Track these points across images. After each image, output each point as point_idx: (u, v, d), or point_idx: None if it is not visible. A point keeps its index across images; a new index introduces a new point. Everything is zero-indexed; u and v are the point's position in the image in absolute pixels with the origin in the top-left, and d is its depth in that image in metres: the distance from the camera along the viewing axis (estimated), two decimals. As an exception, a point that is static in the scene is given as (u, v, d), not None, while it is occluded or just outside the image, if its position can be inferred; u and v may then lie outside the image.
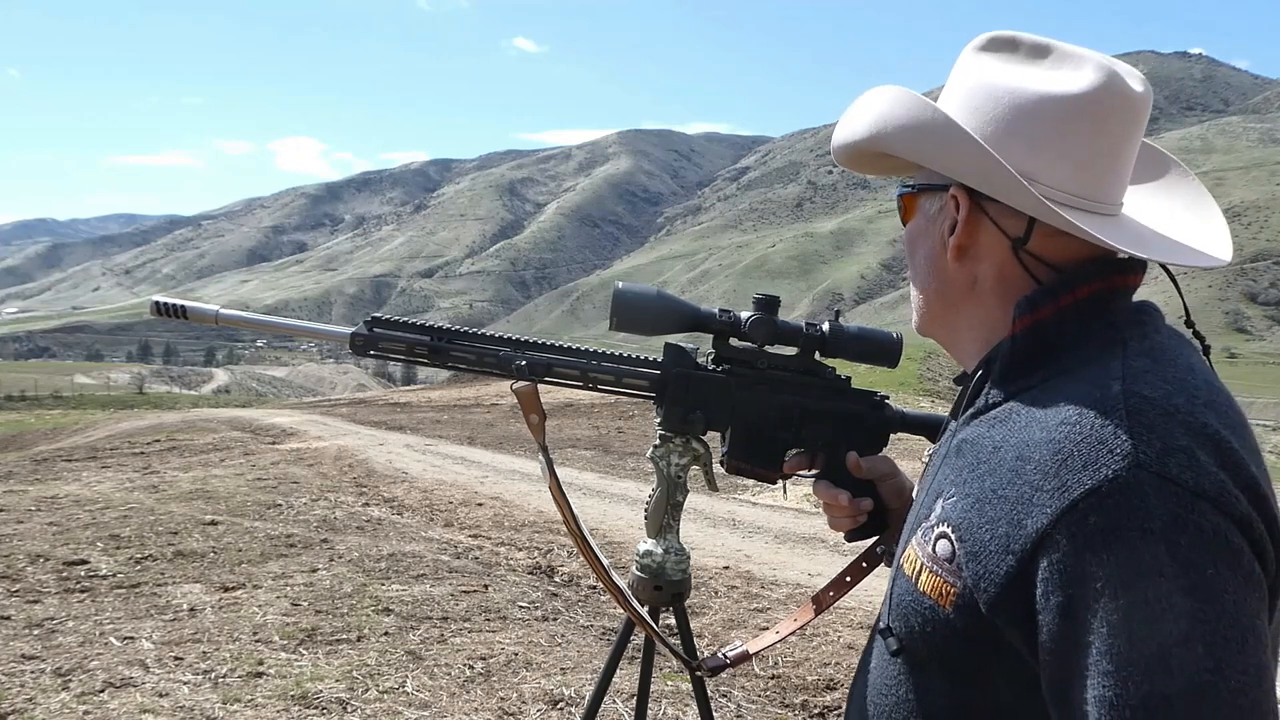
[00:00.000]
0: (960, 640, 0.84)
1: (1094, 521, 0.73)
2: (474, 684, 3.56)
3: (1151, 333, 0.89)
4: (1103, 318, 0.89)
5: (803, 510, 8.16)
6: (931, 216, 0.99)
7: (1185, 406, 0.78)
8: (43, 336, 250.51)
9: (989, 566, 0.79)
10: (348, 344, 1.31)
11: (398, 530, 6.49)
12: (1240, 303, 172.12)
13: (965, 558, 0.82)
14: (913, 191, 1.01)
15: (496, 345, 1.32)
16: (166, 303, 1.35)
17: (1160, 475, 0.73)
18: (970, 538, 0.82)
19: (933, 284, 0.99)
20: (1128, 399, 0.78)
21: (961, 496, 0.86)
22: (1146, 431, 0.75)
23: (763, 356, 1.31)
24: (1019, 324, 0.90)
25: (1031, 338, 0.90)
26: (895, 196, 1.05)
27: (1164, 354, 0.86)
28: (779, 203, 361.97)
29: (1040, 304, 0.90)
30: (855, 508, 1.27)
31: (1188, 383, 0.81)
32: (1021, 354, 0.90)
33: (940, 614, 0.85)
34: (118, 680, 3.41)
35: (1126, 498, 0.72)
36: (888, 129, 0.96)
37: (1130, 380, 0.80)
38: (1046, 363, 0.89)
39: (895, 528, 1.27)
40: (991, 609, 0.79)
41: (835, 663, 4.05)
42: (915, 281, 1.03)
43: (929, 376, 28.23)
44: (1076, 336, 0.89)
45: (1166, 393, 0.79)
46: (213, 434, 13.68)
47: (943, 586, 0.85)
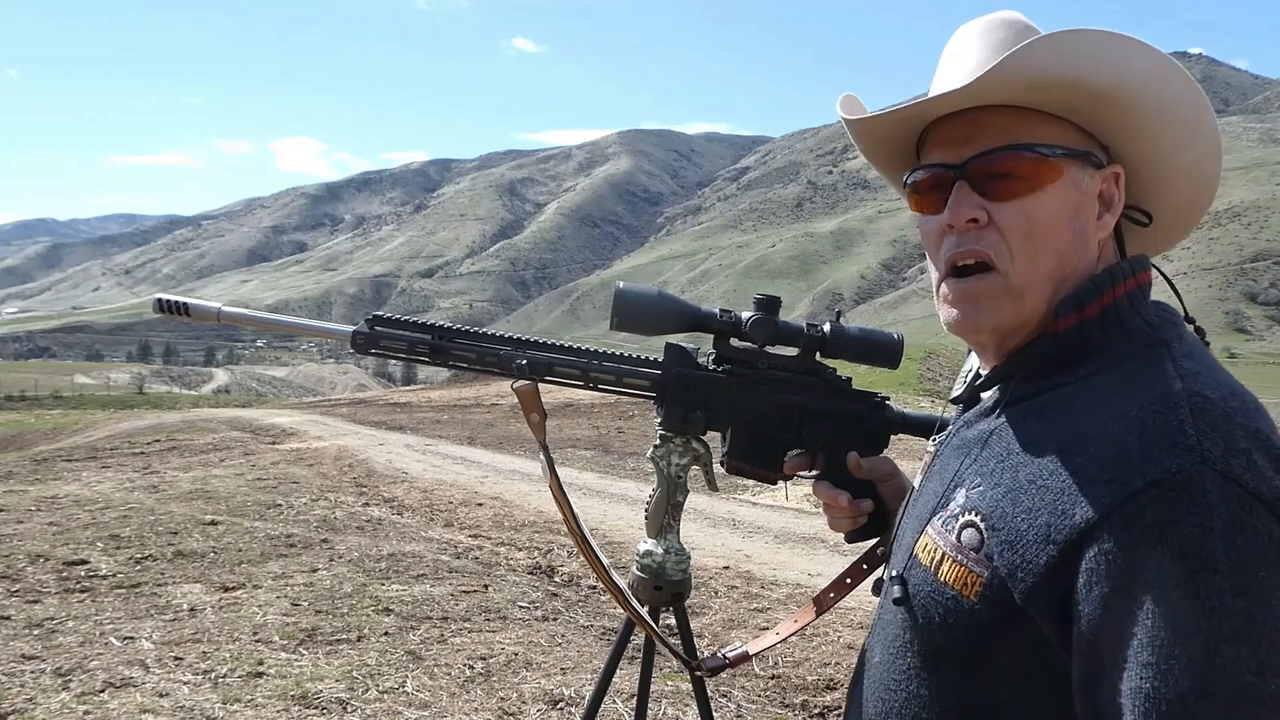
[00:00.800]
0: (984, 630, 0.83)
1: (1151, 514, 0.73)
2: (474, 684, 3.56)
3: (1184, 333, 0.89)
4: (1138, 315, 0.89)
5: (803, 510, 8.16)
6: (1085, 189, 0.91)
7: (1240, 410, 0.78)
8: (43, 336, 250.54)
9: (1027, 555, 0.79)
10: (349, 342, 1.31)
11: (398, 530, 6.49)
12: (1240, 303, 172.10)
13: (999, 546, 0.81)
14: (1069, 156, 0.90)
15: (497, 344, 1.32)
16: (170, 300, 1.35)
17: (1224, 474, 0.73)
18: (1005, 526, 0.81)
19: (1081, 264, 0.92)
20: (1190, 397, 0.78)
21: (991, 486, 0.86)
22: (1211, 430, 0.75)
23: (763, 357, 1.31)
24: (1063, 321, 0.89)
25: (1075, 336, 0.89)
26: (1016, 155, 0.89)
27: (1204, 356, 0.86)
28: (779, 203, 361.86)
29: (1087, 302, 0.89)
30: (856, 508, 1.27)
31: (1234, 387, 0.81)
32: (1060, 351, 0.89)
33: (964, 604, 0.84)
34: (118, 680, 3.41)
35: (1189, 492, 0.72)
36: (1151, 82, 0.88)
37: (1189, 380, 0.80)
38: (1085, 359, 0.88)
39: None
40: (1028, 598, 0.79)
41: (835, 663, 4.05)
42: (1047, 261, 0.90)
43: (929, 376, 28.25)
44: (1115, 333, 0.88)
45: (1223, 395, 0.79)
46: (213, 434, 13.68)
47: (967, 576, 0.84)
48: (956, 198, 0.92)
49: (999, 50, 0.90)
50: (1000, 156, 0.90)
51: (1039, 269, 0.90)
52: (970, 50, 0.94)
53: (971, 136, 0.91)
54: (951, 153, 0.93)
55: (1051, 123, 0.90)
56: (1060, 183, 0.89)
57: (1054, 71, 0.86)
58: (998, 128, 0.90)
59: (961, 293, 0.92)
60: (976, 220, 0.91)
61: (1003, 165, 0.90)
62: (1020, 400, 0.91)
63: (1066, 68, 0.86)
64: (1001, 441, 0.88)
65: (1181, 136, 0.92)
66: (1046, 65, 0.85)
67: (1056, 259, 0.90)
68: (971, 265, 0.92)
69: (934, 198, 0.95)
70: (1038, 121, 0.90)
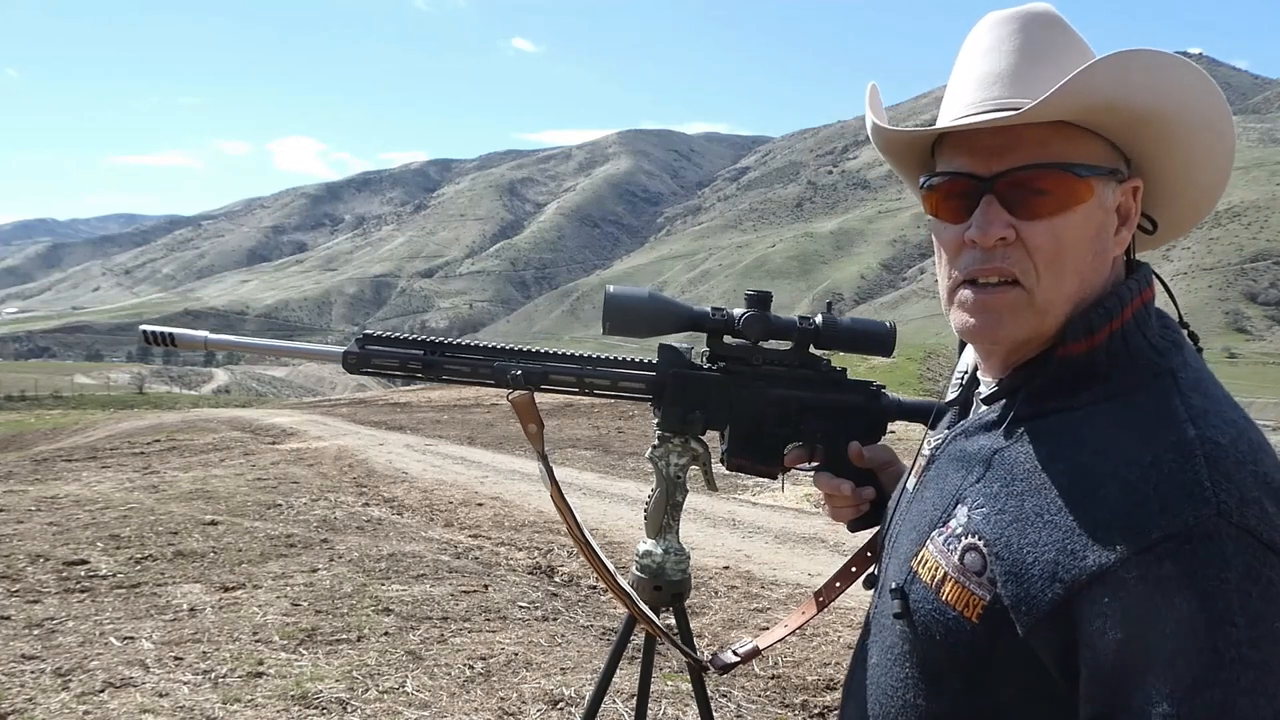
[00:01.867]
0: (984, 651, 0.83)
1: (1169, 567, 0.72)
2: (474, 684, 3.56)
3: (1190, 358, 0.88)
4: (1144, 339, 0.88)
5: (803, 510, 8.16)
6: (1108, 207, 0.89)
7: (1249, 455, 0.78)
8: (43, 336, 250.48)
9: (1032, 591, 0.79)
10: (340, 363, 1.30)
11: (398, 530, 6.49)
12: (1240, 303, 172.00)
13: (1002, 576, 0.81)
14: (1099, 175, 0.88)
15: (490, 356, 1.32)
16: (155, 331, 1.36)
17: (1240, 526, 0.73)
18: (1008, 556, 0.81)
19: (1100, 282, 0.90)
20: (1204, 444, 0.77)
21: (994, 510, 0.85)
22: (1225, 481, 0.75)
23: (758, 353, 1.31)
24: (1074, 347, 0.87)
25: (1084, 360, 0.87)
26: (1054, 172, 0.86)
27: (1210, 388, 0.85)
28: (779, 203, 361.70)
29: (1097, 328, 0.87)
30: (858, 497, 1.28)
31: (1240, 425, 0.81)
32: (1069, 375, 0.88)
33: (965, 625, 0.84)
34: (118, 680, 3.41)
35: (1206, 546, 0.72)
36: (1198, 106, 0.87)
37: (1200, 424, 0.79)
38: (1090, 384, 0.87)
39: None
40: (1030, 632, 0.79)
41: (835, 663, 4.05)
42: (1069, 281, 0.88)
43: (929, 376, 28.25)
44: (1123, 360, 0.87)
45: (1233, 438, 0.79)
46: (213, 434, 13.68)
47: (970, 598, 0.84)
48: (985, 215, 0.88)
49: (1035, 57, 0.88)
50: (1035, 174, 0.87)
51: (1062, 289, 0.88)
52: (1005, 51, 0.90)
53: (1003, 149, 0.88)
54: (980, 163, 0.89)
55: (1085, 138, 0.87)
56: (1090, 203, 0.87)
57: (1113, 97, 0.84)
58: (1031, 141, 0.87)
59: (981, 304, 0.90)
60: (1005, 239, 0.88)
61: (1037, 183, 0.87)
62: (1024, 420, 0.89)
63: (1126, 94, 0.84)
64: (1006, 464, 0.88)
65: (1208, 155, 0.92)
66: (1107, 89, 0.83)
67: (1079, 280, 0.88)
68: (994, 280, 0.90)
69: (955, 205, 0.92)
70: (1073, 136, 0.87)
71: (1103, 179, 0.88)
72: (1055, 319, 0.89)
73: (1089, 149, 0.88)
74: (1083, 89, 0.82)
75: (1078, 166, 0.86)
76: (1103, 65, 0.82)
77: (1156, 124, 0.87)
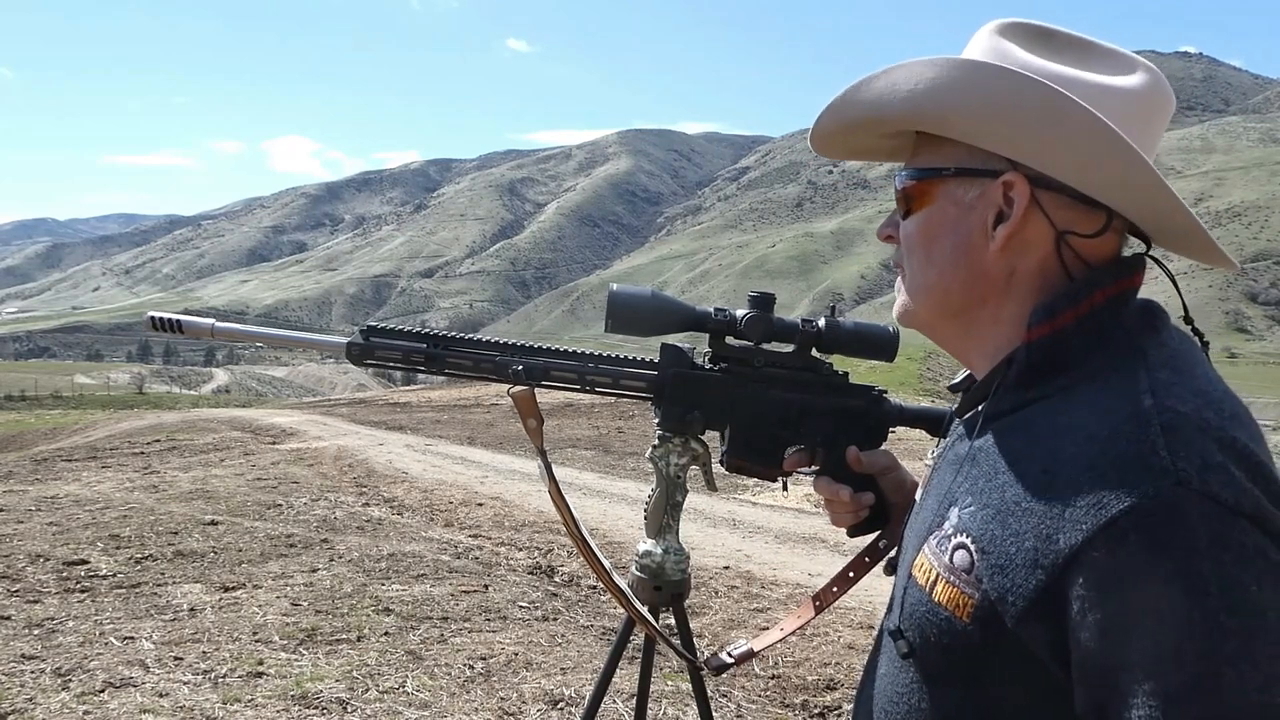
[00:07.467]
0: (979, 651, 0.83)
1: (1134, 540, 0.72)
2: (474, 684, 3.56)
3: (1167, 339, 0.87)
4: (1118, 323, 0.87)
5: (803, 510, 8.16)
6: (966, 204, 0.91)
7: (1215, 421, 0.76)
8: (43, 336, 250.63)
9: (1016, 580, 0.78)
10: (344, 354, 1.31)
11: (398, 530, 6.49)
12: (1240, 303, 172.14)
13: (988, 570, 0.81)
14: (938, 176, 0.93)
15: (493, 351, 1.32)
16: (163, 317, 1.35)
17: (1202, 493, 0.71)
18: (994, 549, 0.81)
19: (959, 275, 0.93)
20: (1161, 414, 0.77)
21: (980, 507, 0.85)
22: (1184, 448, 0.74)
23: (760, 354, 1.31)
24: (1035, 331, 0.88)
25: (1049, 346, 0.88)
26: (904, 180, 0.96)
27: (1183, 364, 0.84)
28: (779, 203, 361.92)
29: (1059, 311, 0.87)
30: (857, 503, 1.27)
31: (1211, 395, 0.80)
32: (1037, 362, 0.88)
33: (957, 625, 0.84)
34: (118, 680, 3.41)
35: (1169, 515, 0.71)
36: (956, 103, 0.88)
37: (1160, 394, 0.79)
38: (1063, 370, 0.87)
39: (897, 521, 1.26)
40: (1018, 623, 0.78)
41: (835, 663, 4.05)
42: (927, 273, 0.95)
43: (929, 376, 28.24)
44: (1094, 343, 0.87)
45: (1196, 407, 0.78)
46: (213, 434, 13.69)
47: (960, 598, 0.83)
48: (890, 215, 1.02)
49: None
50: (903, 179, 0.97)
51: (921, 278, 0.96)
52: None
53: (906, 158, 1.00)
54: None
55: (944, 144, 0.93)
56: (939, 203, 0.94)
57: (869, 113, 0.94)
58: (910, 150, 0.98)
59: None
60: (891, 236, 1.00)
61: (902, 186, 0.97)
62: (1005, 413, 0.90)
63: (881, 107, 0.93)
64: (988, 458, 0.88)
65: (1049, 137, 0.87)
66: (864, 105, 0.94)
67: (938, 271, 0.94)
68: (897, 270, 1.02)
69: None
70: (933, 144, 0.94)
71: (952, 179, 0.92)
72: (921, 307, 0.98)
73: (947, 153, 0.93)
74: (845, 107, 0.96)
75: (924, 170, 0.95)
76: (861, 82, 0.95)
77: (948, 125, 0.91)
